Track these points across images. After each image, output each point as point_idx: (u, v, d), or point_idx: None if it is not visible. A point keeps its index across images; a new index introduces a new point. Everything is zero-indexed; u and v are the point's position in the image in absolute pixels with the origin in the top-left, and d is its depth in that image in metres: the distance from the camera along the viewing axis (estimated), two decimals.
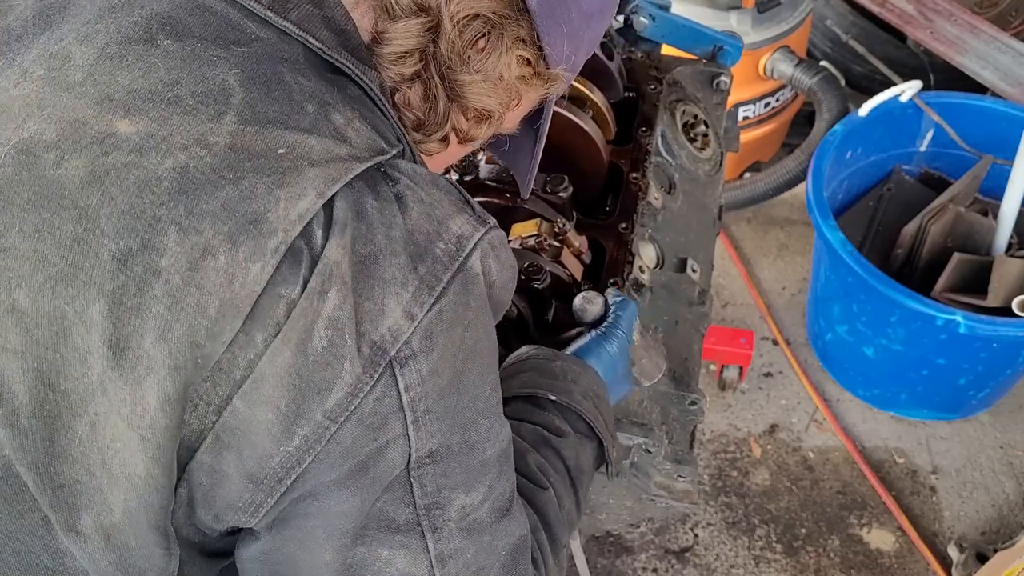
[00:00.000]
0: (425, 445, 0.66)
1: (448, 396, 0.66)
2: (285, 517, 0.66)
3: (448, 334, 0.65)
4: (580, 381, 0.98)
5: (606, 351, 1.05)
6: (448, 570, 0.72)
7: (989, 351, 2.09)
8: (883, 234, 2.43)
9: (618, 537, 2.21)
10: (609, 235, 1.28)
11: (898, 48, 2.94)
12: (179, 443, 0.62)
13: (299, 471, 0.63)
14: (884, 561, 2.18)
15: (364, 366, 0.62)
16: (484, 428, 0.70)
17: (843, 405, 2.47)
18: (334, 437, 0.62)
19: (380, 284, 0.62)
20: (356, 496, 0.66)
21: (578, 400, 0.96)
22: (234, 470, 0.63)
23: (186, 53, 0.64)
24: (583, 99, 1.33)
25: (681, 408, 1.23)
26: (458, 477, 0.69)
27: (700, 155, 1.48)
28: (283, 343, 0.60)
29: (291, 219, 0.61)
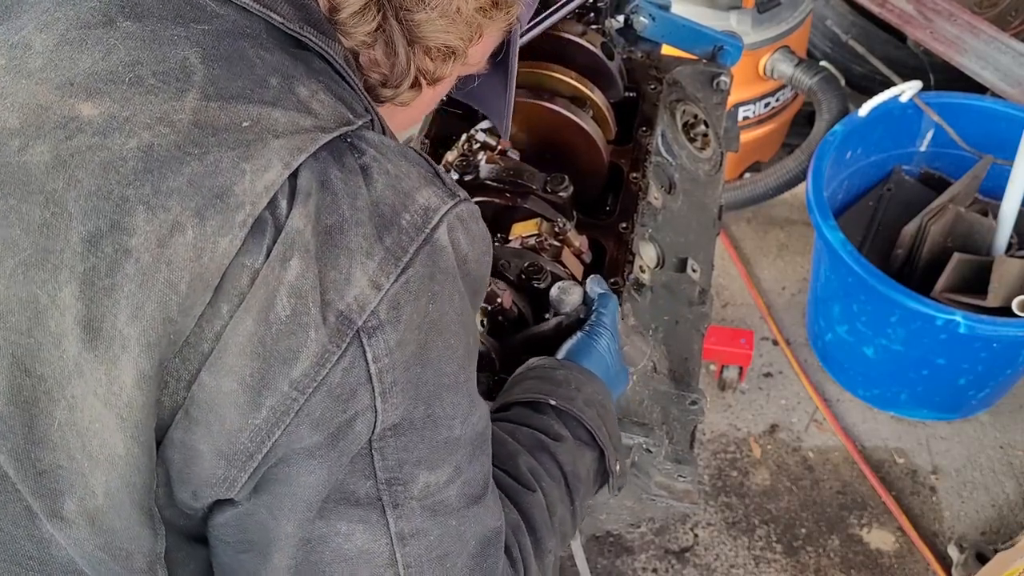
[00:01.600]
0: (389, 417, 0.65)
1: (412, 368, 0.65)
2: (260, 484, 0.66)
3: (414, 305, 0.64)
4: (584, 389, 0.98)
5: (596, 349, 1.05)
6: (409, 550, 0.70)
7: (989, 351, 2.09)
8: (883, 234, 2.43)
9: (618, 537, 2.21)
10: (609, 235, 1.28)
11: (898, 48, 2.94)
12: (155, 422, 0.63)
13: (269, 445, 0.63)
14: (884, 561, 2.18)
15: (330, 336, 0.61)
16: (449, 404, 0.69)
17: (843, 405, 2.47)
18: (303, 409, 0.62)
19: (345, 254, 0.62)
20: (323, 468, 0.65)
21: (580, 407, 0.96)
22: (205, 446, 0.63)
23: (146, 33, 0.65)
24: (583, 99, 1.33)
25: (681, 408, 1.23)
26: (421, 452, 0.68)
27: (700, 155, 1.49)
28: (245, 312, 0.60)
29: (257, 191, 0.61)
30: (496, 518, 0.77)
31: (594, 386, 1.00)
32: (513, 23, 0.80)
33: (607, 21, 1.45)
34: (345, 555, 0.68)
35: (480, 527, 0.75)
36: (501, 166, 1.23)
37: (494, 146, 1.26)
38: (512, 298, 1.12)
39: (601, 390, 1.01)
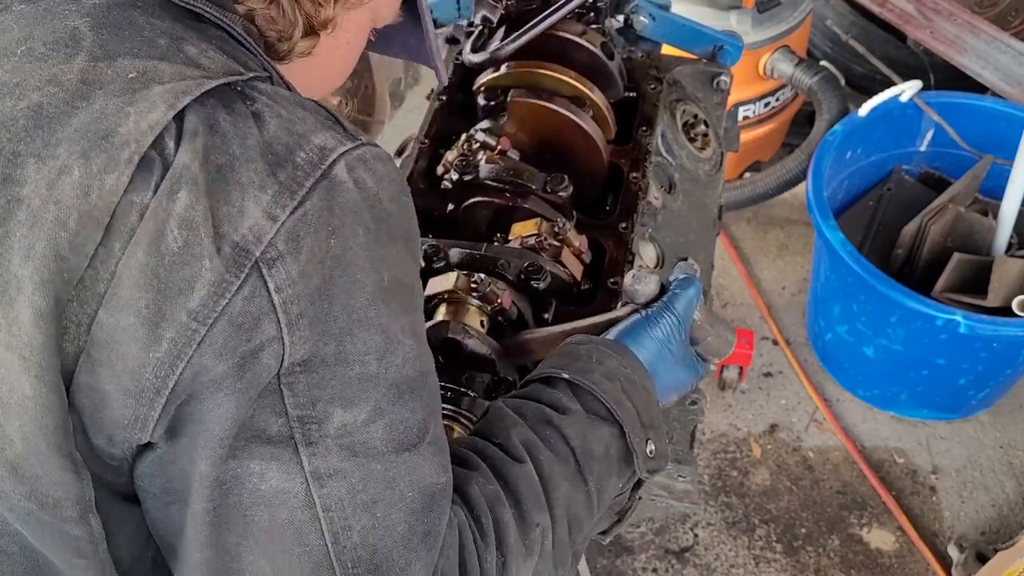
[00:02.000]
0: (298, 351, 0.65)
1: (319, 302, 0.65)
2: (175, 424, 0.66)
3: (315, 238, 0.65)
4: (607, 363, 0.93)
5: (649, 335, 0.98)
6: (329, 491, 0.67)
7: (989, 351, 2.09)
8: (883, 234, 2.43)
9: (618, 537, 2.21)
10: (609, 235, 1.28)
11: (898, 48, 2.94)
12: (60, 368, 0.63)
13: (174, 379, 0.63)
14: (884, 561, 2.18)
15: (227, 265, 0.62)
16: (361, 341, 0.67)
17: (843, 405, 2.47)
18: (205, 339, 0.62)
19: (237, 188, 0.63)
20: (231, 401, 0.64)
21: (596, 380, 0.90)
22: (111, 386, 0.64)
23: (39, 12, 0.68)
24: (583, 99, 1.33)
25: (681, 408, 1.23)
26: (334, 390, 0.67)
27: (700, 155, 1.48)
28: (136, 245, 0.62)
29: (142, 130, 0.63)
30: (439, 474, 0.74)
31: (622, 360, 0.94)
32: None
33: (607, 21, 1.45)
34: (262, 497, 0.67)
35: (416, 478, 0.71)
36: (501, 166, 1.23)
37: (494, 146, 1.26)
38: (512, 298, 1.12)
39: (632, 365, 0.94)
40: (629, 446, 0.90)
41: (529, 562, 0.80)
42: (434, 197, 1.29)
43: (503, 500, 0.80)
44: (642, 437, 0.91)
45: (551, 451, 0.85)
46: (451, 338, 1.07)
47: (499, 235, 1.22)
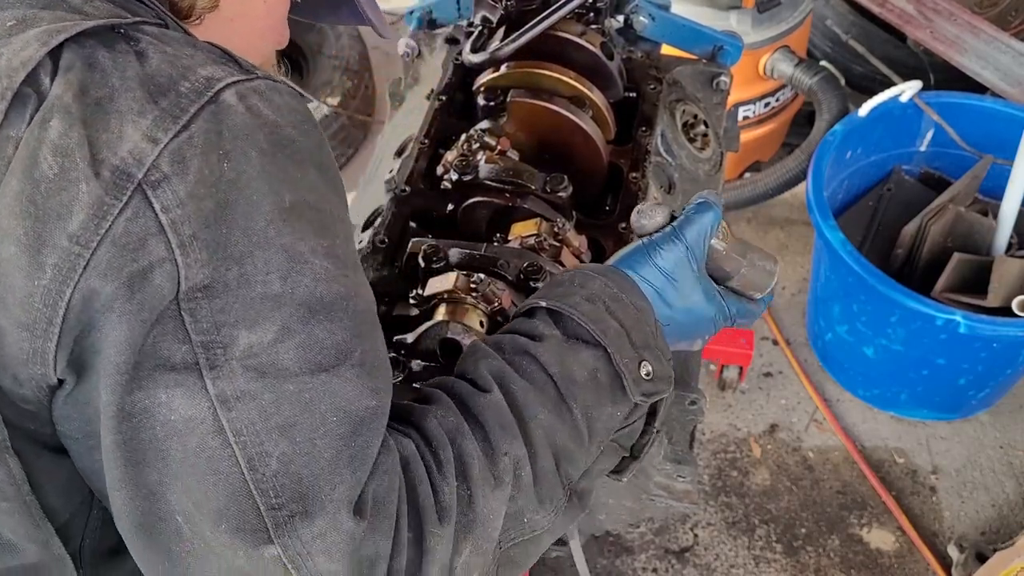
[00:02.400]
0: (196, 275, 0.64)
1: (215, 226, 0.64)
2: (79, 359, 0.65)
3: (203, 160, 0.64)
4: (590, 285, 0.87)
5: (650, 262, 0.91)
6: (237, 415, 0.64)
7: (989, 351, 2.09)
8: (883, 234, 2.43)
9: (618, 537, 2.21)
10: (609, 235, 1.28)
11: (898, 48, 2.94)
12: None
13: (63, 306, 0.63)
14: (884, 561, 2.18)
15: (106, 188, 0.62)
16: (262, 261, 0.66)
17: (843, 405, 2.47)
18: (90, 262, 0.62)
19: (116, 115, 0.64)
20: (124, 322, 0.63)
21: (575, 303, 0.85)
22: (5, 321, 0.64)
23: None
24: (583, 99, 1.33)
25: (681, 408, 1.23)
26: (237, 312, 0.65)
27: (700, 155, 1.48)
28: (11, 175, 0.62)
29: (14, 66, 0.64)
30: (367, 397, 0.69)
31: (608, 280, 0.88)
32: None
33: (607, 21, 1.45)
34: (174, 428, 0.64)
35: (337, 401, 0.67)
36: (500, 166, 1.23)
37: (494, 146, 1.26)
38: (512, 298, 1.12)
39: (620, 285, 0.88)
40: (617, 368, 0.84)
41: (499, 492, 0.75)
42: (434, 197, 1.29)
43: (465, 431, 0.76)
44: (633, 358, 0.85)
45: (526, 379, 0.81)
46: (451, 338, 1.07)
47: (499, 235, 1.22)
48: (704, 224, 0.93)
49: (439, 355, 1.08)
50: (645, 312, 0.88)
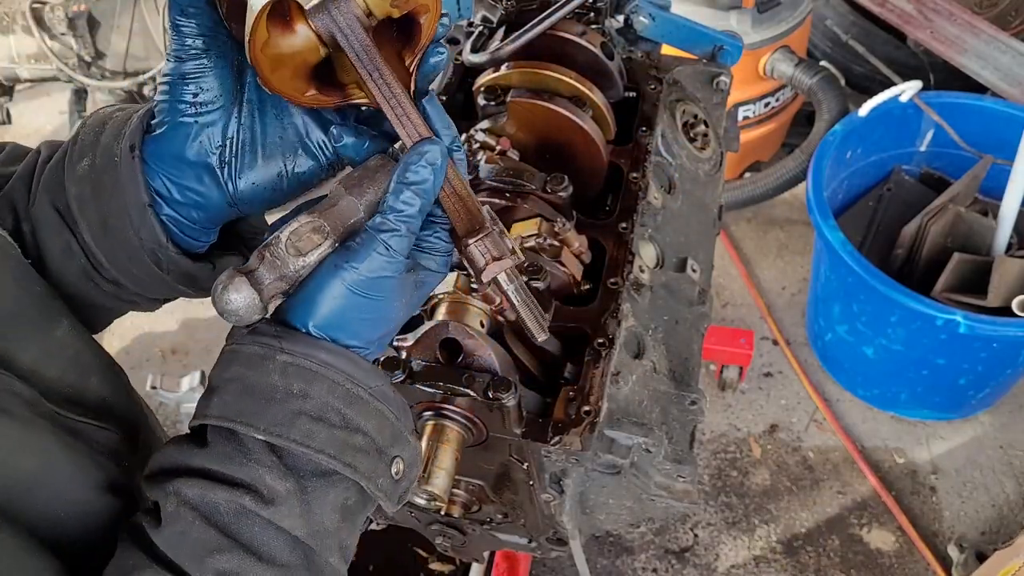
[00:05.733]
0: None
1: None
2: None
3: None
4: (313, 391, 0.68)
5: (349, 292, 0.69)
6: None
7: (989, 351, 2.09)
8: (883, 234, 2.44)
9: (618, 537, 2.21)
10: (609, 235, 1.28)
11: (898, 48, 2.94)
12: None
13: None
14: (884, 561, 2.18)
15: None
16: None
17: (843, 405, 2.47)
18: None
19: None
20: None
21: (305, 432, 0.67)
22: None
23: None
24: (583, 99, 1.33)
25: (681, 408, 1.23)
26: None
27: (700, 155, 1.48)
28: None
29: None
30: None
31: (334, 371, 0.68)
32: None
33: (607, 21, 1.45)
34: None
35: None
36: (501, 166, 1.23)
37: (494, 146, 1.26)
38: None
39: (348, 368, 0.69)
40: (371, 494, 0.71)
41: None
42: None
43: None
44: (384, 470, 0.71)
45: (265, 562, 0.65)
46: (451, 338, 1.07)
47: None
48: (424, 189, 0.70)
49: (440, 355, 1.08)
50: (384, 393, 0.72)
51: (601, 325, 1.16)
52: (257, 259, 0.68)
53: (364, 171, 0.72)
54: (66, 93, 3.11)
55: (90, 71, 2.83)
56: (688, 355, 1.27)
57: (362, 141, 0.76)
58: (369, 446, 0.69)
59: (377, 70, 0.70)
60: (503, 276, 0.76)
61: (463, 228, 0.75)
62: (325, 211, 0.70)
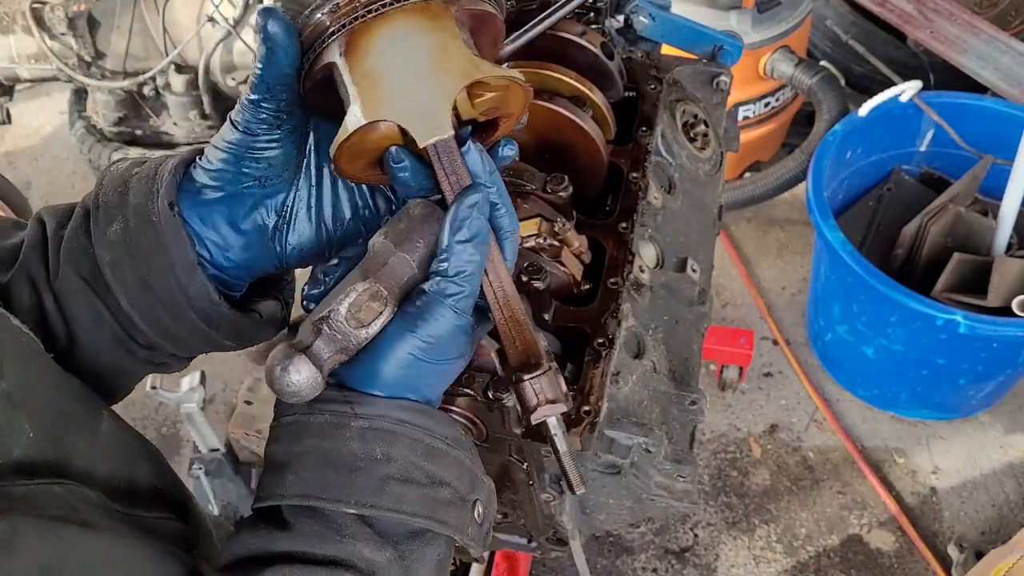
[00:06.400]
0: None
1: None
2: None
3: None
4: (395, 452, 0.66)
5: (425, 361, 0.67)
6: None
7: (989, 351, 2.09)
8: (883, 234, 2.44)
9: (618, 537, 2.21)
10: (609, 235, 1.27)
11: (898, 48, 2.94)
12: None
13: None
14: (884, 561, 2.18)
15: None
16: None
17: (843, 405, 2.47)
18: None
19: None
20: None
21: (395, 497, 0.65)
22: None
23: None
24: (583, 99, 1.33)
25: (681, 408, 1.23)
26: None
27: (700, 155, 1.48)
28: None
29: None
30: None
31: (412, 428, 0.67)
32: None
33: (607, 21, 1.45)
34: None
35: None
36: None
37: None
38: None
39: (426, 423, 0.68)
40: (462, 544, 0.71)
41: None
42: None
43: None
44: (469, 518, 0.70)
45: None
46: None
47: None
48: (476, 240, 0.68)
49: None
50: (460, 443, 0.71)
51: (601, 325, 1.16)
52: (312, 333, 0.65)
53: (409, 222, 0.68)
54: (66, 93, 3.10)
55: (90, 71, 2.83)
56: (688, 355, 1.27)
57: (418, 169, 0.70)
58: (454, 497, 0.69)
59: (456, 174, 0.68)
60: (553, 420, 0.72)
61: (517, 358, 0.71)
62: (379, 273, 0.66)
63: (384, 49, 0.66)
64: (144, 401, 2.57)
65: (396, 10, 0.66)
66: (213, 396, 2.57)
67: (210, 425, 2.05)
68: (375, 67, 0.66)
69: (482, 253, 0.67)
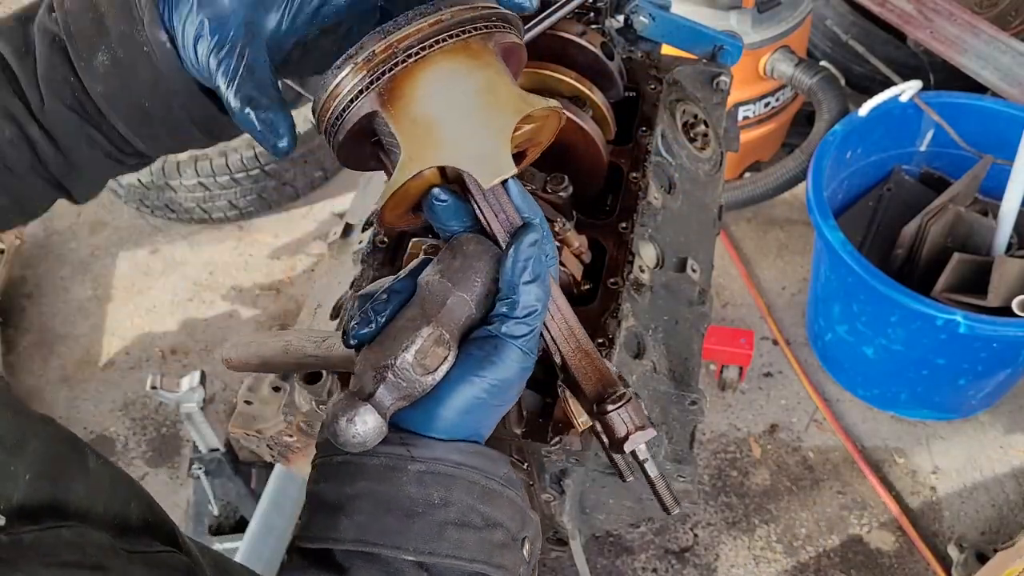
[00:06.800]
0: None
1: None
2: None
3: None
4: (454, 497, 0.65)
5: (485, 392, 0.66)
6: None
7: (989, 351, 2.09)
8: (883, 234, 2.43)
9: (618, 537, 2.21)
10: (609, 235, 1.28)
11: (898, 48, 2.94)
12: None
13: None
14: (884, 561, 2.18)
15: None
16: None
17: (843, 405, 2.47)
18: None
19: None
20: None
21: (454, 542, 0.64)
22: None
23: None
24: (583, 99, 1.33)
25: (681, 408, 1.23)
26: None
27: (700, 155, 1.48)
28: None
29: None
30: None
31: (469, 472, 0.66)
32: None
33: (607, 21, 1.45)
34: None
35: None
36: None
37: None
38: None
39: (481, 464, 0.67)
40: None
41: None
42: None
43: None
44: (522, 557, 0.70)
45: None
46: None
47: None
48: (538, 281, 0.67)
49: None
50: (510, 476, 0.70)
51: (601, 325, 1.16)
52: (374, 381, 0.63)
53: (464, 259, 0.66)
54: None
55: None
56: (688, 355, 1.27)
57: (460, 206, 0.68)
58: (507, 538, 0.68)
59: (504, 211, 0.67)
60: (643, 447, 0.70)
61: (593, 389, 0.69)
62: (440, 315, 0.65)
63: (430, 93, 0.64)
64: (144, 401, 2.57)
65: (437, 52, 0.63)
66: (213, 396, 2.57)
67: (210, 425, 2.05)
68: (424, 112, 0.64)
69: (546, 290, 0.67)
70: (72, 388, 2.64)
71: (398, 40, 0.63)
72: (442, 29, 0.64)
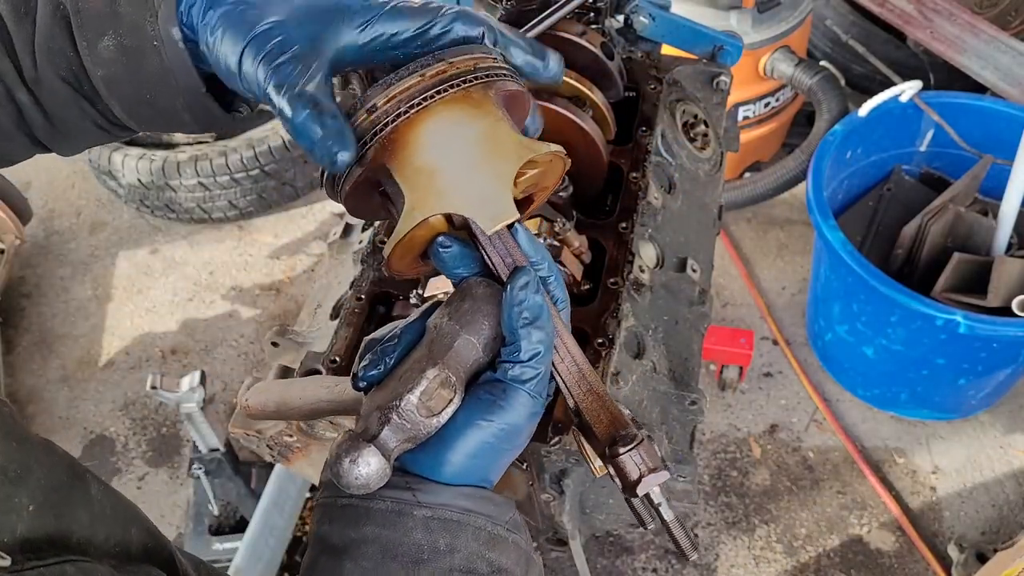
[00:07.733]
0: None
1: None
2: None
3: None
4: (459, 543, 0.65)
5: (493, 438, 0.66)
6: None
7: (989, 351, 2.09)
8: (883, 234, 2.44)
9: (618, 537, 2.21)
10: (609, 235, 1.28)
11: (898, 48, 2.95)
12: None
13: None
14: (884, 561, 2.18)
15: None
16: None
17: (843, 405, 2.47)
18: None
19: None
20: None
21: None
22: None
23: None
24: (583, 99, 1.33)
25: (681, 408, 1.23)
26: None
27: (700, 155, 1.48)
28: None
29: None
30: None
31: (475, 519, 0.66)
32: None
33: (607, 21, 1.45)
34: None
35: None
36: None
37: None
38: None
39: (488, 510, 0.67)
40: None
41: None
42: None
43: None
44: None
45: None
46: None
47: None
48: (544, 337, 0.67)
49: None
50: (516, 520, 0.70)
51: (601, 325, 1.16)
52: (378, 422, 0.63)
53: (473, 302, 0.67)
54: None
55: None
56: (688, 355, 1.27)
57: (465, 253, 0.68)
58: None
59: (510, 255, 0.67)
60: (657, 490, 0.69)
61: (605, 432, 0.69)
62: (446, 358, 0.65)
63: (433, 142, 0.65)
64: (144, 401, 2.57)
65: (438, 103, 0.64)
66: (213, 396, 2.57)
67: (210, 425, 2.05)
68: (427, 161, 0.65)
69: (548, 331, 0.66)
70: (72, 388, 2.64)
71: (400, 92, 0.64)
72: (443, 80, 0.65)
